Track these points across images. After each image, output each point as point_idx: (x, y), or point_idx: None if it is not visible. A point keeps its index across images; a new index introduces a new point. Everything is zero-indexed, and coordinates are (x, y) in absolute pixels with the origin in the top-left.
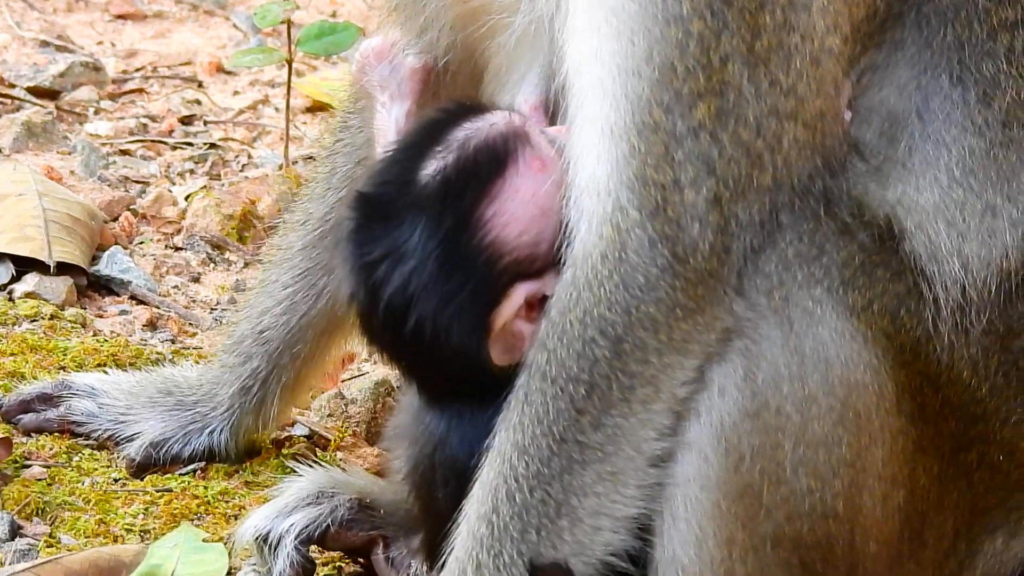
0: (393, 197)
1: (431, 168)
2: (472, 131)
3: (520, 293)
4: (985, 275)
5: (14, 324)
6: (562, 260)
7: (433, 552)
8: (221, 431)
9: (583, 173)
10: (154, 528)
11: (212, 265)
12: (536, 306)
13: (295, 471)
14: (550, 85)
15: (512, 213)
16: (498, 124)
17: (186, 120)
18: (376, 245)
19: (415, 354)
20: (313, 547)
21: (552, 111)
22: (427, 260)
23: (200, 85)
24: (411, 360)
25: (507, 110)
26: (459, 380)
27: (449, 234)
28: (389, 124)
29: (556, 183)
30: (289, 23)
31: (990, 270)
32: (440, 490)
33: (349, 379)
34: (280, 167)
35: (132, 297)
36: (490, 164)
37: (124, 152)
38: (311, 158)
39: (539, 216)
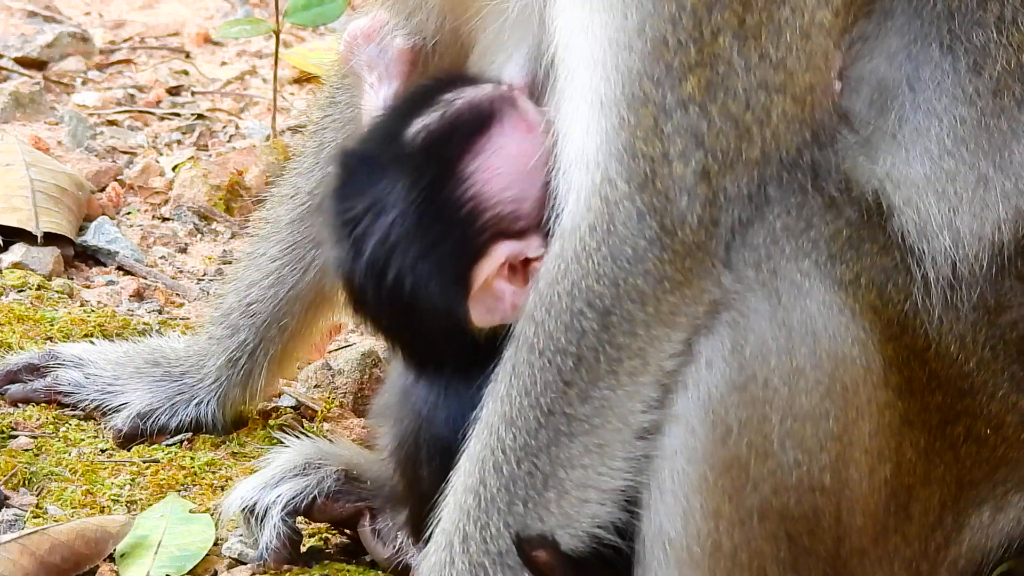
0: (377, 153)
1: (416, 126)
2: (458, 93)
3: (502, 251)
4: (977, 249)
5: (1, 294)
6: (547, 226)
7: (418, 528)
8: (208, 402)
9: (572, 145)
10: (141, 499)
11: (199, 236)
12: (519, 269)
13: (282, 442)
14: (537, 66)
15: (496, 168)
16: (486, 89)
17: (173, 91)
18: (359, 199)
19: (396, 314)
20: (300, 518)
21: (539, 92)
22: (407, 211)
23: (187, 56)
24: (392, 321)
25: (497, 81)
26: (440, 344)
27: (430, 186)
28: (377, 105)
29: (541, 149)
30: None
31: (982, 244)
32: (425, 468)
33: (336, 350)
34: (267, 138)
35: (119, 267)
36: (475, 121)
37: (111, 123)
38: (299, 128)
39: (523, 175)
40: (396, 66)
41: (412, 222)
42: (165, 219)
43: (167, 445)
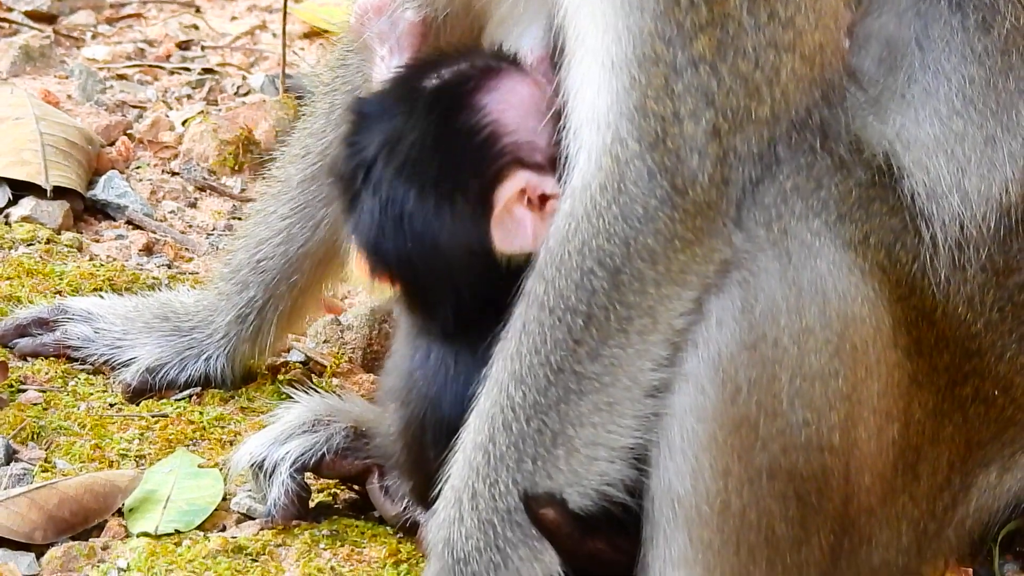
0: (391, 99)
1: (430, 78)
2: (464, 55)
3: (522, 177)
4: (984, 210)
5: (10, 248)
6: (560, 173)
7: (424, 501)
8: (217, 358)
9: (583, 105)
10: (149, 453)
11: (208, 190)
12: (535, 204)
13: (291, 397)
14: (554, 36)
15: (510, 103)
16: (497, 56)
17: (183, 45)
18: (373, 136)
19: (416, 252)
20: (308, 474)
21: (557, 62)
22: (424, 135)
23: (197, 10)
24: (411, 265)
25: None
26: (457, 290)
27: (445, 114)
28: (387, 78)
29: (546, 94)
30: None
31: (989, 205)
32: (431, 450)
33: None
34: (277, 93)
35: (128, 222)
36: (485, 68)
37: (121, 77)
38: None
39: (536, 115)
40: (407, 39)
41: (429, 145)
42: (174, 173)
43: (176, 400)
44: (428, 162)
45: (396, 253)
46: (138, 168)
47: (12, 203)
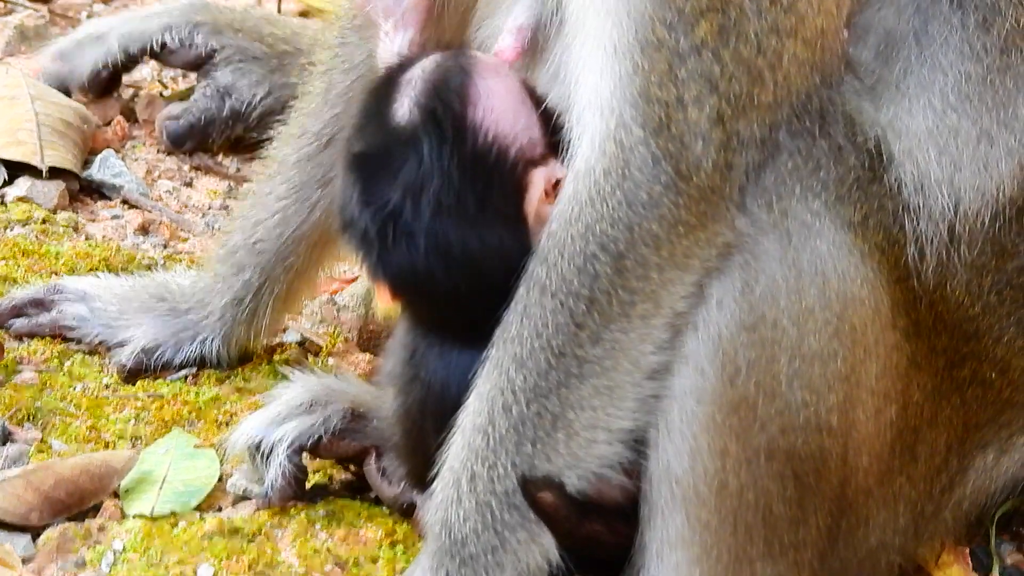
0: (384, 144)
1: (404, 108)
2: (419, 67)
3: (540, 177)
4: (979, 206)
5: (6, 228)
6: (558, 146)
7: (421, 483)
8: (213, 340)
9: (585, 90)
10: (145, 434)
11: (204, 170)
12: (552, 192)
13: (287, 378)
14: (543, 9)
15: (498, 107)
16: (436, 55)
17: None
18: (390, 191)
19: (467, 278)
20: (305, 455)
21: (545, 36)
22: (448, 175)
23: None
24: (462, 292)
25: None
26: (502, 286)
27: (455, 145)
28: (393, 53)
29: (513, 77)
30: None
31: (984, 200)
32: (431, 435)
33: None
34: None
35: (124, 201)
36: (455, 78)
37: None
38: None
39: (520, 106)
40: (412, 14)
41: (457, 183)
42: (170, 153)
43: (172, 380)
44: (463, 204)
45: (442, 285)
46: (134, 148)
47: (7, 183)
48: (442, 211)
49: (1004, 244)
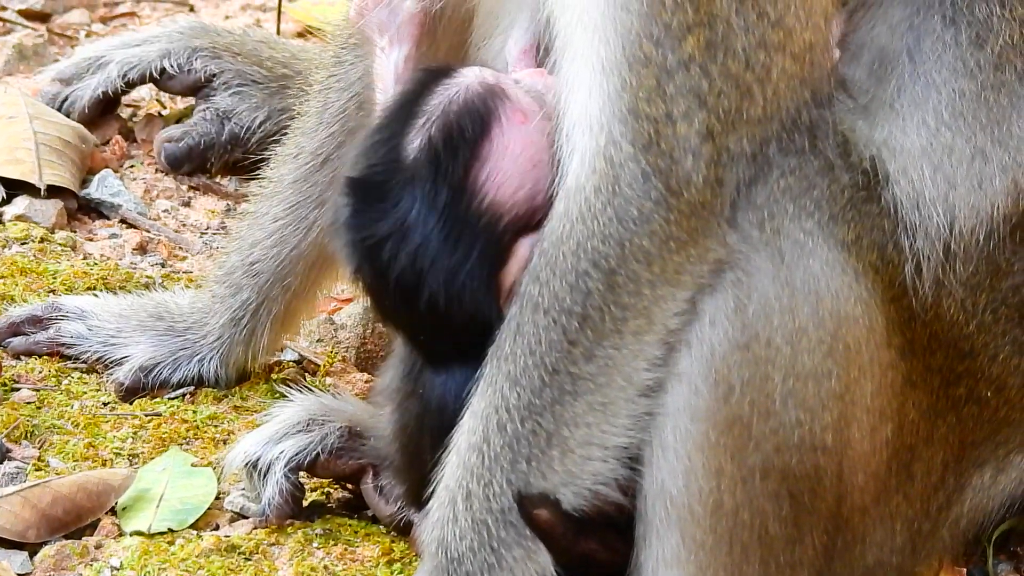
0: (385, 177)
1: (416, 142)
2: (448, 97)
3: (525, 248)
4: (974, 223)
5: (4, 247)
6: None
7: (418, 501)
8: (211, 359)
9: (574, 107)
10: (143, 452)
11: (202, 189)
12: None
13: (285, 396)
14: (540, 28)
15: (505, 171)
16: (472, 85)
17: None
18: (378, 226)
19: (430, 326)
20: (302, 473)
21: (543, 54)
22: (431, 234)
23: (191, 8)
24: (425, 331)
25: (477, 67)
26: (471, 341)
27: (448, 204)
28: (388, 69)
29: (541, 129)
30: None
31: (979, 218)
32: (427, 454)
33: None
34: None
35: (122, 221)
36: (474, 126)
37: None
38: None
39: (532, 168)
40: (407, 29)
41: (437, 244)
42: (168, 172)
43: (169, 399)
44: (438, 263)
45: (407, 320)
46: (132, 167)
47: (6, 202)
48: (416, 265)
49: (999, 262)
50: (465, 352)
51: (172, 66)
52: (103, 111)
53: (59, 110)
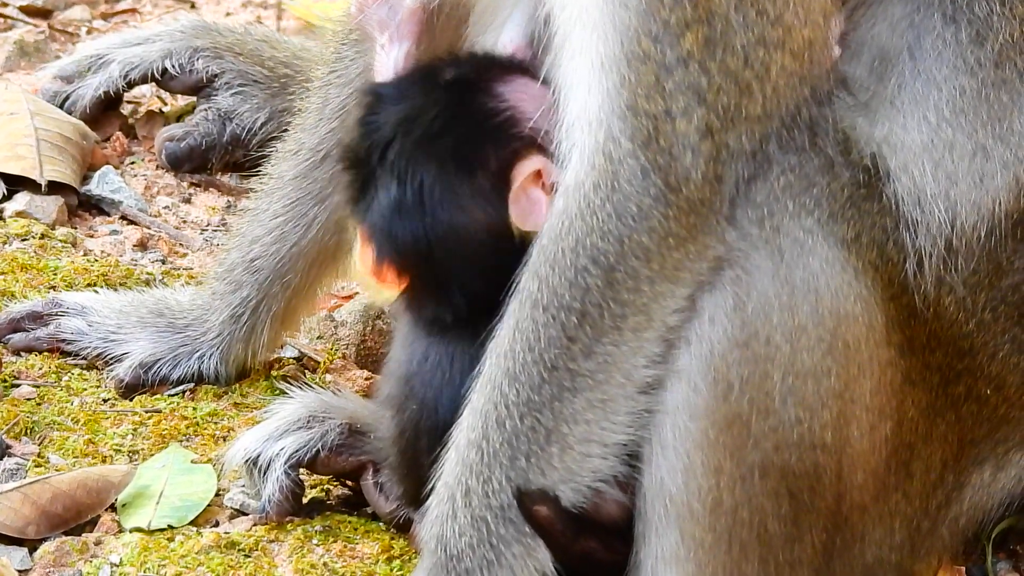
0: (407, 81)
1: (447, 68)
2: (484, 57)
3: (539, 159)
4: (975, 220)
5: (4, 243)
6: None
7: (415, 502)
8: (211, 356)
9: (573, 104)
10: (143, 449)
11: (203, 186)
12: (548, 188)
13: (285, 393)
14: (536, 24)
15: (527, 94)
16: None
17: None
18: (390, 114)
19: (434, 224)
20: (302, 470)
21: (538, 50)
22: (445, 111)
23: (192, 5)
24: (429, 240)
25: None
26: (476, 258)
27: (465, 95)
28: (388, 66)
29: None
30: None
31: (980, 214)
32: (426, 456)
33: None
34: None
35: (123, 217)
36: (501, 64)
37: None
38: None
39: (546, 112)
40: (407, 25)
41: (449, 121)
42: (169, 169)
43: (169, 395)
44: (447, 137)
45: (411, 234)
46: (133, 163)
47: (6, 198)
48: (425, 144)
49: (999, 260)
50: (458, 310)
51: (174, 66)
52: (104, 109)
53: (60, 108)
